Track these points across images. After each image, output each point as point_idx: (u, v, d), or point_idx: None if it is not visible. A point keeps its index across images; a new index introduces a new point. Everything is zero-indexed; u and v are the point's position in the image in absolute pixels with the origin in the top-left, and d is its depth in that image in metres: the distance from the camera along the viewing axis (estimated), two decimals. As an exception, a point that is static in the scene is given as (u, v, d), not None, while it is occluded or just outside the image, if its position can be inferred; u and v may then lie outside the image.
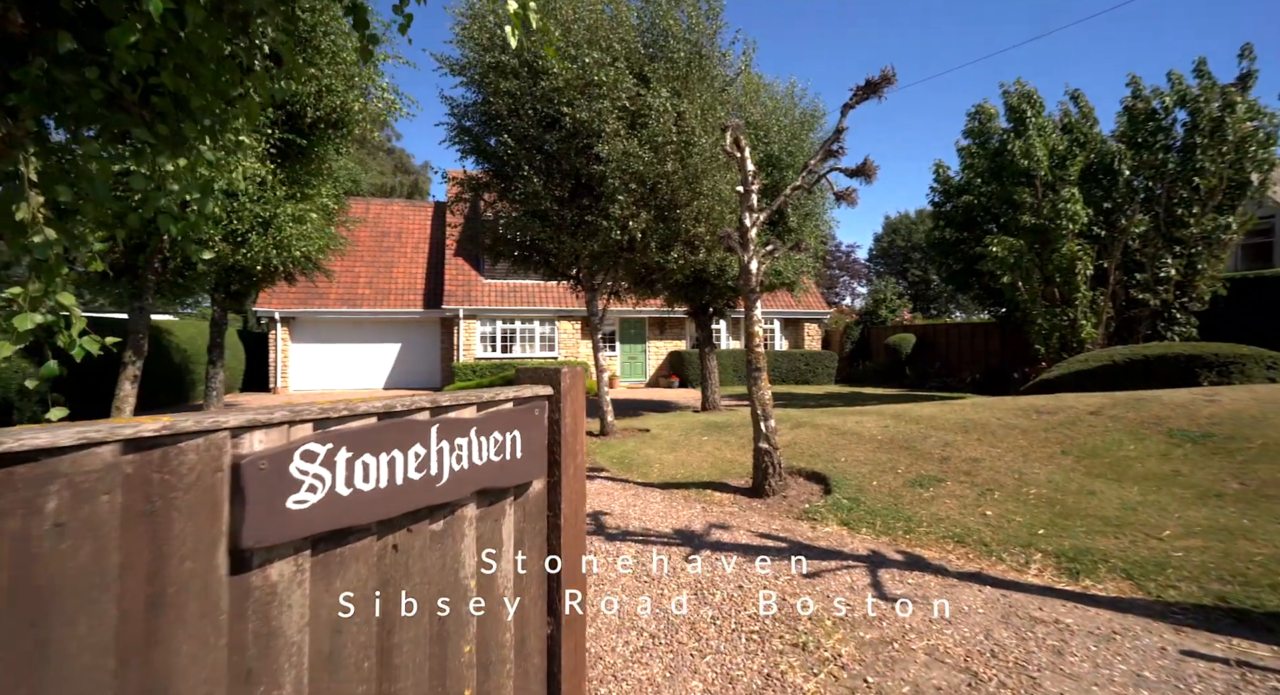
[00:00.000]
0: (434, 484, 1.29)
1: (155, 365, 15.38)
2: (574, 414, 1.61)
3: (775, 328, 25.50)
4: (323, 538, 1.14)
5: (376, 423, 1.29)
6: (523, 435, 1.46)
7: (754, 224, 6.63)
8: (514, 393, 1.50)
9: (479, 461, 1.34)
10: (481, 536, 1.42)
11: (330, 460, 1.14)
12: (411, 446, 1.27)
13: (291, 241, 7.14)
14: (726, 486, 6.86)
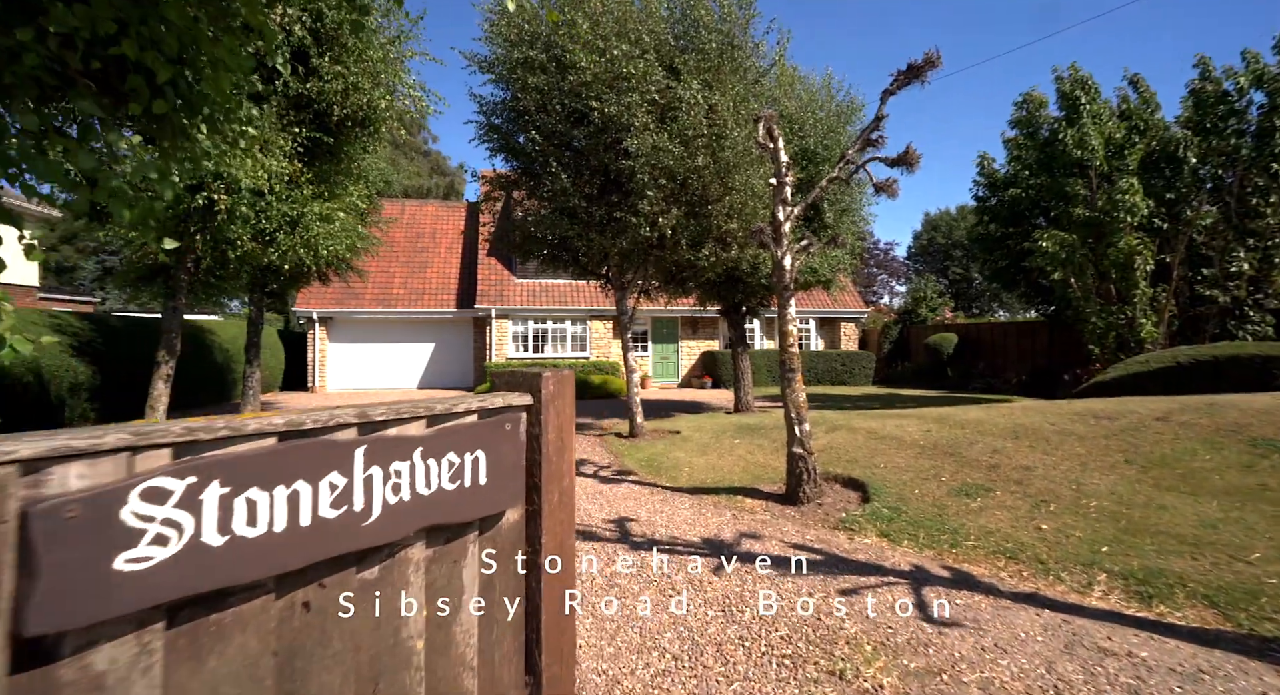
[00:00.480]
0: (361, 522, 1.02)
1: (198, 364, 15.78)
2: (560, 427, 1.34)
3: (811, 327, 24.93)
4: (185, 604, 0.87)
5: (275, 445, 1.00)
6: (490, 455, 1.18)
7: (788, 218, 6.32)
8: (479, 403, 1.26)
9: (427, 490, 1.06)
10: (434, 584, 1.15)
11: (193, 499, 0.87)
12: (325, 476, 0.98)
13: (319, 241, 7.11)
14: (758, 492, 6.57)
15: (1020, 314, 47.82)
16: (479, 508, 1.19)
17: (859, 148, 6.42)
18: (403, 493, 1.04)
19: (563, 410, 1.33)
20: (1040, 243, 10.99)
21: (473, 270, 23.37)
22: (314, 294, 21.57)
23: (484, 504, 1.20)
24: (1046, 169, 12.35)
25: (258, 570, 0.92)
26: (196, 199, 6.09)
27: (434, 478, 1.08)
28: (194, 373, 15.45)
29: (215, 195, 6.14)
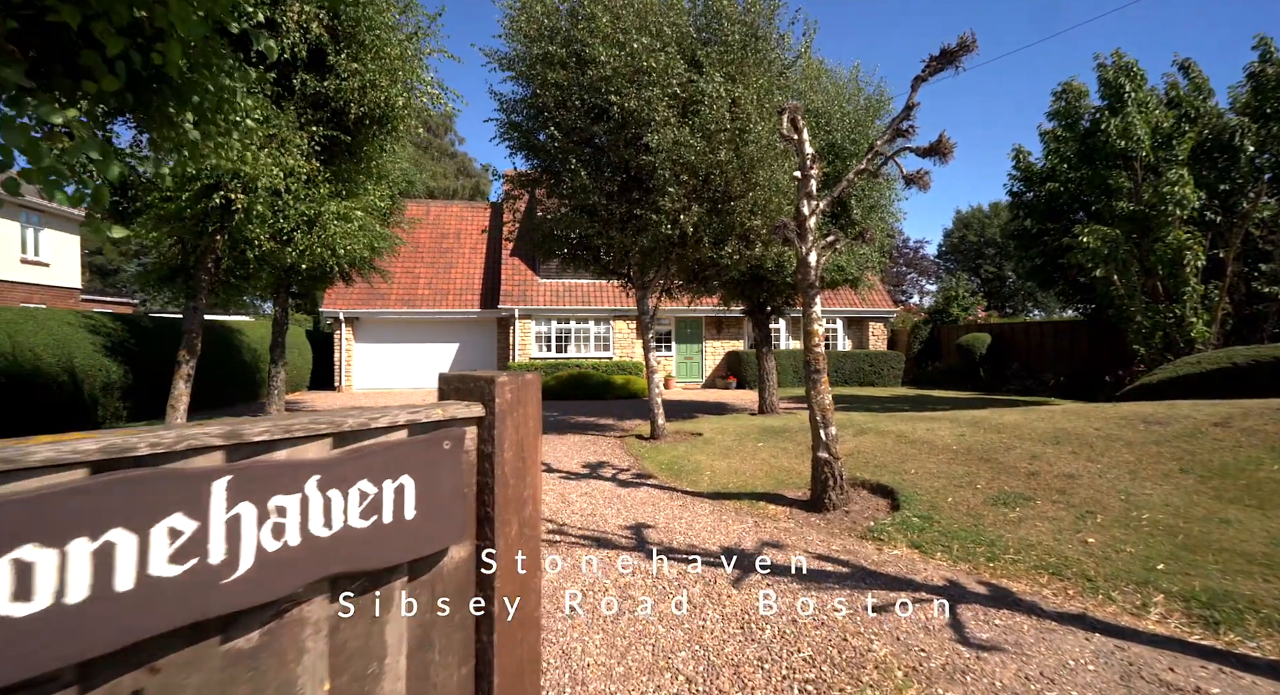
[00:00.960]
0: (221, 579, 0.79)
1: (227, 364, 16.03)
2: (520, 444, 1.10)
3: (838, 327, 24.43)
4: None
5: (82, 481, 0.73)
6: (422, 481, 0.95)
7: (813, 212, 6.05)
8: (408, 416, 0.99)
9: (326, 531, 0.83)
10: (344, 648, 0.90)
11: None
12: (161, 520, 0.73)
13: (336, 239, 7.06)
14: (782, 498, 6.31)
15: (1056, 313, 46.41)
16: (407, 548, 0.96)
17: (888, 138, 6.12)
18: (289, 536, 0.81)
19: (524, 423, 1.11)
20: (1080, 238, 10.47)
21: (497, 270, 23.41)
22: (340, 294, 21.81)
23: (414, 543, 0.97)
24: (1087, 161, 11.78)
25: (38, 661, 0.65)
26: (214, 198, 6.07)
27: (337, 514, 0.85)
28: (223, 372, 15.69)
29: (232, 194, 6.11)
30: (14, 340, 9.94)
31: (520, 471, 1.08)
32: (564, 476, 7.48)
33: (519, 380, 1.09)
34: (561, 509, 6.03)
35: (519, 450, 1.09)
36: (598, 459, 8.68)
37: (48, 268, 21.51)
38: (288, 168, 6.55)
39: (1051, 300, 48.83)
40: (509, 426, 1.08)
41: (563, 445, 9.79)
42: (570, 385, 18.77)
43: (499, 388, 1.05)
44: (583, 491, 6.71)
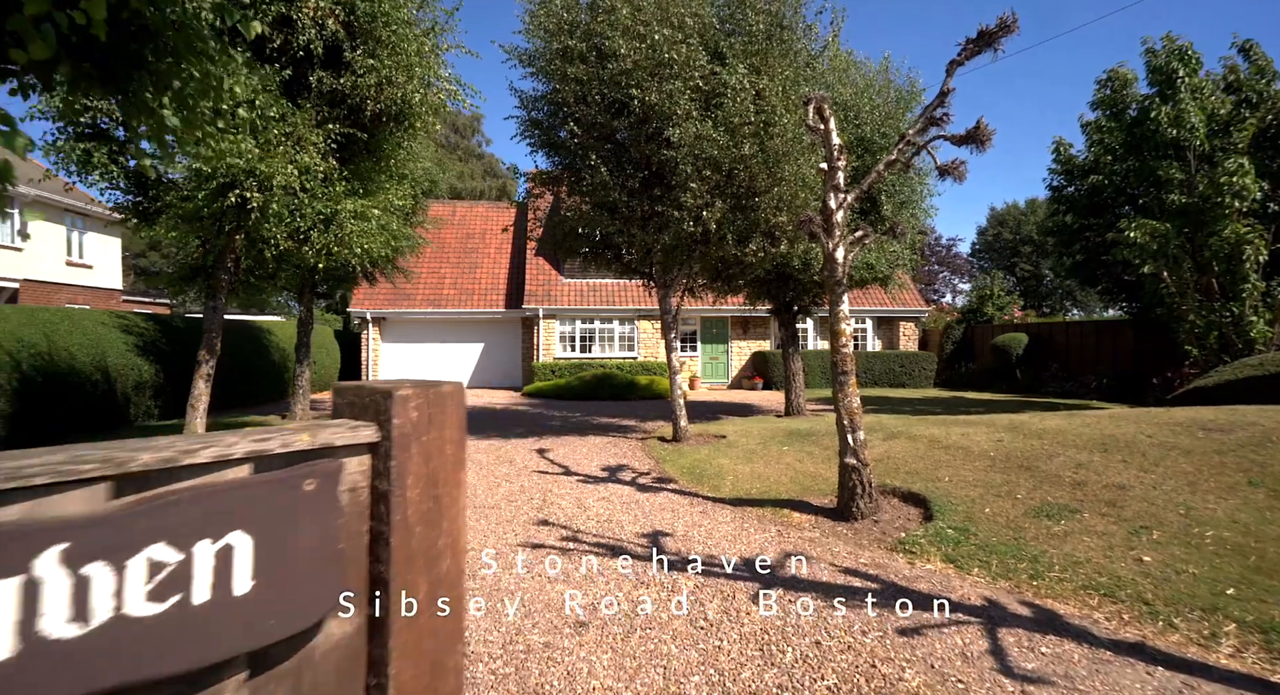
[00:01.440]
0: None
1: (256, 364, 16.27)
2: (432, 478, 0.83)
3: (867, 327, 23.85)
4: None
5: None
6: (265, 538, 0.69)
7: (840, 206, 5.75)
8: (251, 445, 0.72)
9: (76, 628, 0.55)
10: None
11: None
12: None
13: (353, 238, 6.99)
14: (807, 506, 6.02)
15: (1096, 313, 44.78)
16: (236, 636, 0.68)
17: (921, 127, 5.79)
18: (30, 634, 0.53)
19: (439, 451, 0.87)
20: (1127, 233, 9.91)
21: (521, 270, 23.40)
22: (368, 294, 22.03)
23: (250, 627, 0.69)
24: (1134, 152, 11.17)
25: None
26: (229, 197, 6.03)
27: (102, 600, 0.58)
28: (253, 372, 15.92)
29: (248, 193, 6.07)
30: (50, 340, 10.15)
31: (432, 515, 0.82)
32: (582, 480, 7.30)
33: (430, 393, 0.83)
34: (577, 515, 5.84)
35: (430, 486, 0.83)
36: (618, 462, 8.48)
37: (91, 270, 22.17)
38: (303, 165, 6.49)
39: (1092, 299, 47.17)
40: (414, 456, 0.80)
41: (583, 447, 9.62)
42: (594, 386, 18.62)
43: (399, 403, 0.80)
44: (600, 496, 6.52)
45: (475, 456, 8.82)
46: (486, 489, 6.87)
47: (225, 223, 6.37)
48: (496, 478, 7.44)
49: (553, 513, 5.91)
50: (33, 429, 9.37)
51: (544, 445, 9.78)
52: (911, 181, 12.91)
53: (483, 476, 7.51)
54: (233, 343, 15.54)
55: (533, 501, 6.32)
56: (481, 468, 8.04)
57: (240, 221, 6.40)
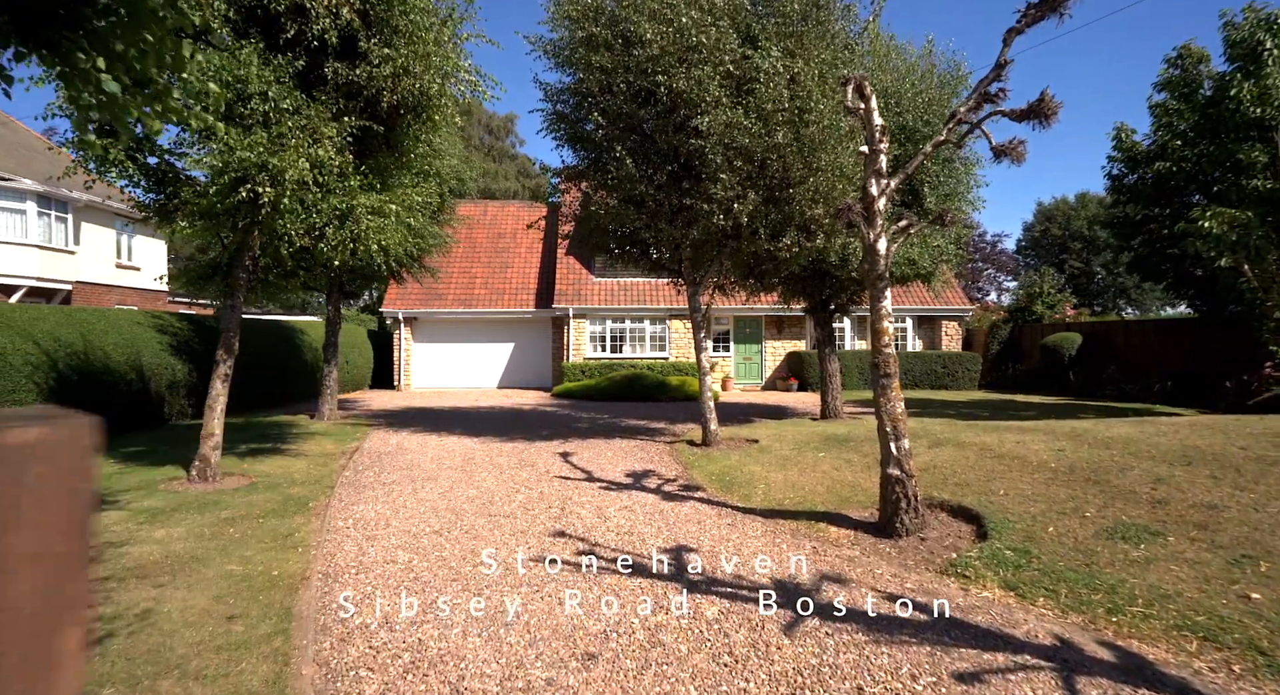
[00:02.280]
0: None
1: (291, 363, 16.40)
2: None
3: (908, 326, 22.96)
4: None
5: None
6: None
7: (882, 193, 5.26)
8: None
9: None
10: None
11: None
12: None
13: (369, 234, 6.78)
14: (845, 519, 5.54)
15: (1152, 311, 42.47)
16: None
17: (974, 104, 5.26)
18: None
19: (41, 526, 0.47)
20: (1201, 223, 9.06)
21: (552, 269, 23.23)
22: (400, 295, 22.15)
23: None
24: (1209, 134, 10.26)
25: None
26: (241, 192, 5.87)
27: None
28: (286, 371, 16.06)
29: (260, 188, 5.90)
30: (86, 339, 10.28)
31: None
32: (605, 487, 6.94)
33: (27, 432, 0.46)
34: (596, 526, 5.48)
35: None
36: (643, 467, 8.10)
37: (139, 271, 22.81)
38: (316, 159, 6.30)
39: (1146, 297, 44.72)
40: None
41: (609, 451, 9.27)
42: (624, 386, 18.29)
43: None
44: (622, 505, 6.15)
45: (496, 460, 8.56)
46: (505, 496, 6.57)
47: (239, 219, 6.21)
48: (516, 483, 7.14)
49: (570, 523, 5.56)
50: (66, 428, 9.46)
51: (568, 449, 9.47)
52: (957, 171, 12.22)
53: (502, 482, 7.22)
54: (266, 342, 15.69)
55: (550, 510, 5.99)
56: (502, 472, 7.76)
57: (254, 217, 6.24)
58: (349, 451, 9.33)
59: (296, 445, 9.61)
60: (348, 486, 7.02)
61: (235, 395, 14.09)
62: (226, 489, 6.64)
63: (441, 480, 7.32)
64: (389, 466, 8.14)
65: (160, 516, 5.49)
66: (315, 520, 5.65)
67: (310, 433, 10.96)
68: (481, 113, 56.19)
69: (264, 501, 6.17)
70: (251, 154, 5.76)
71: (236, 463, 8.10)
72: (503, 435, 10.86)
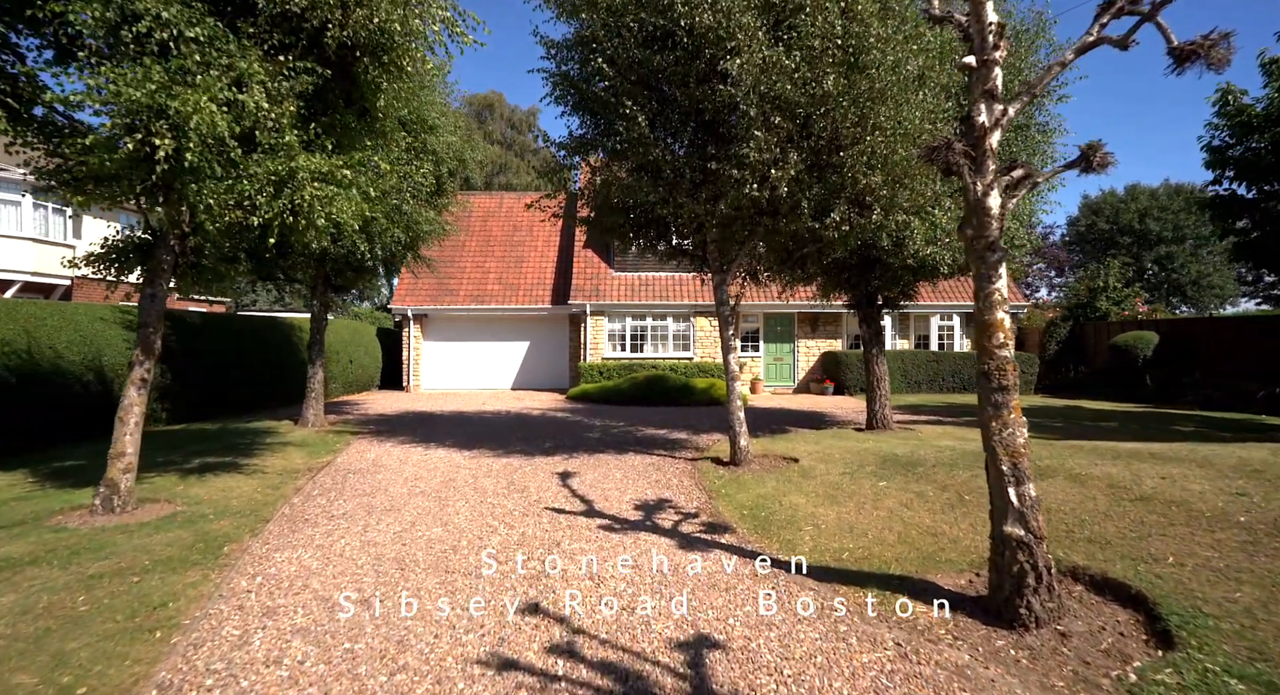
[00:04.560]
0: None
1: (285, 362, 15.24)
2: None
3: (955, 324, 20.99)
4: None
5: None
6: None
7: (995, 123, 3.64)
8: None
9: None
10: None
11: None
12: None
13: (313, 206, 5.38)
14: (934, 589, 3.93)
15: (1211, 310, 39.34)
16: None
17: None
18: None
19: None
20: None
21: (569, 264, 21.82)
22: (410, 290, 20.96)
23: None
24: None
25: None
26: (128, 144, 4.51)
27: None
28: (279, 371, 14.89)
29: (157, 140, 4.53)
30: (31, 337, 9.13)
31: None
32: (606, 526, 5.42)
33: None
34: (588, 595, 3.95)
35: None
36: (658, 495, 6.56)
37: (142, 267, 22.05)
38: (241, 108, 4.91)
39: (1204, 295, 41.41)
40: None
41: (618, 471, 7.75)
42: (645, 389, 16.77)
43: None
44: (626, 560, 4.62)
45: (481, 482, 7.11)
46: (476, 537, 5.09)
47: (134, 182, 4.85)
48: (496, 518, 5.66)
49: (551, 589, 4.05)
50: (2, 437, 8.31)
51: (571, 467, 7.97)
52: (1033, 140, 10.39)
53: (478, 516, 5.74)
54: (257, 341, 14.55)
55: (530, 564, 4.49)
56: (482, 501, 6.30)
57: (153, 180, 4.88)
58: (316, 468, 7.98)
59: (259, 459, 8.29)
60: (286, 520, 5.62)
61: (219, 397, 12.97)
62: (132, 524, 5.28)
63: (405, 512, 5.88)
64: (350, 491, 6.74)
65: (4, 572, 4.13)
66: (216, 576, 4.24)
67: (284, 442, 9.67)
68: (504, 107, 55.11)
69: (167, 544, 4.79)
70: (138, 92, 4.37)
71: (173, 483, 6.79)
72: (499, 448, 9.42)
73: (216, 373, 12.67)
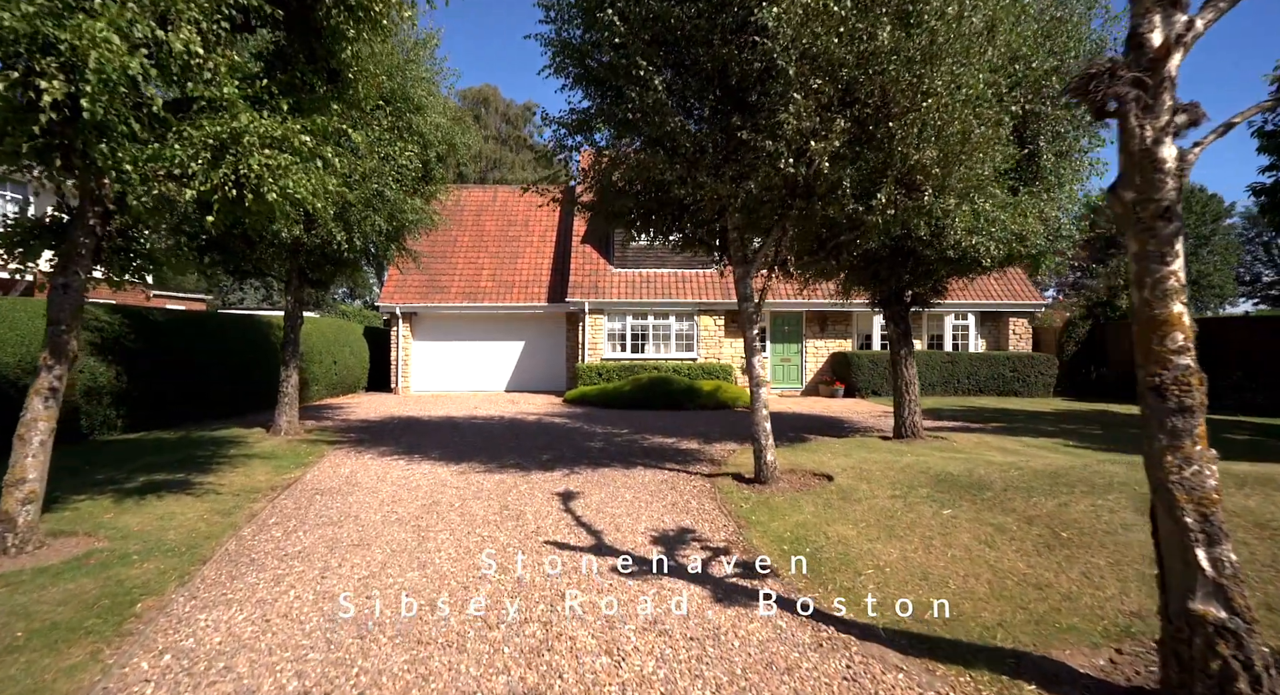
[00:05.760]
0: None
1: (263, 363, 14.14)
2: None
3: (969, 323, 20.08)
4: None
5: None
6: None
7: (1178, 41, 2.64)
8: None
9: None
10: None
11: None
12: None
13: (263, 178, 4.36)
14: (1069, 674, 2.94)
15: (1210, 310, 38.65)
16: None
17: None
18: None
19: None
20: None
21: (566, 260, 20.80)
22: (399, 287, 19.90)
23: None
24: None
25: None
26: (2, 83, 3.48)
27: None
28: (256, 373, 13.80)
29: (44, 82, 3.51)
30: (-41, 336, 8.05)
31: None
32: (621, 570, 4.41)
33: None
34: (607, 685, 2.94)
35: None
36: (677, 523, 5.56)
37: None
38: (166, 47, 3.89)
39: (1205, 295, 40.78)
40: None
41: (628, 490, 6.75)
42: (648, 392, 15.77)
43: None
44: (647, 617, 3.61)
45: (470, 507, 6.09)
46: (460, 588, 4.08)
47: (18, 137, 3.81)
48: (487, 557, 4.64)
49: (558, 671, 3.04)
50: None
51: (573, 485, 6.97)
52: (1062, 128, 9.40)
53: (464, 555, 4.72)
54: (236, 339, 13.46)
55: (527, 628, 3.48)
56: (471, 531, 5.28)
57: (52, 138, 3.84)
58: (280, 487, 6.94)
59: (215, 476, 7.24)
60: (228, 562, 4.58)
61: (186, 402, 11.86)
62: (27, 570, 4.24)
63: (377, 548, 4.86)
64: (315, 518, 5.71)
65: None
66: (109, 653, 3.21)
67: (250, 454, 8.62)
68: (499, 101, 53.91)
69: (60, 601, 3.76)
70: (11, 16, 3.33)
71: (103, 509, 5.74)
72: (491, 461, 8.40)
73: (183, 375, 11.59)
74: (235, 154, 4.48)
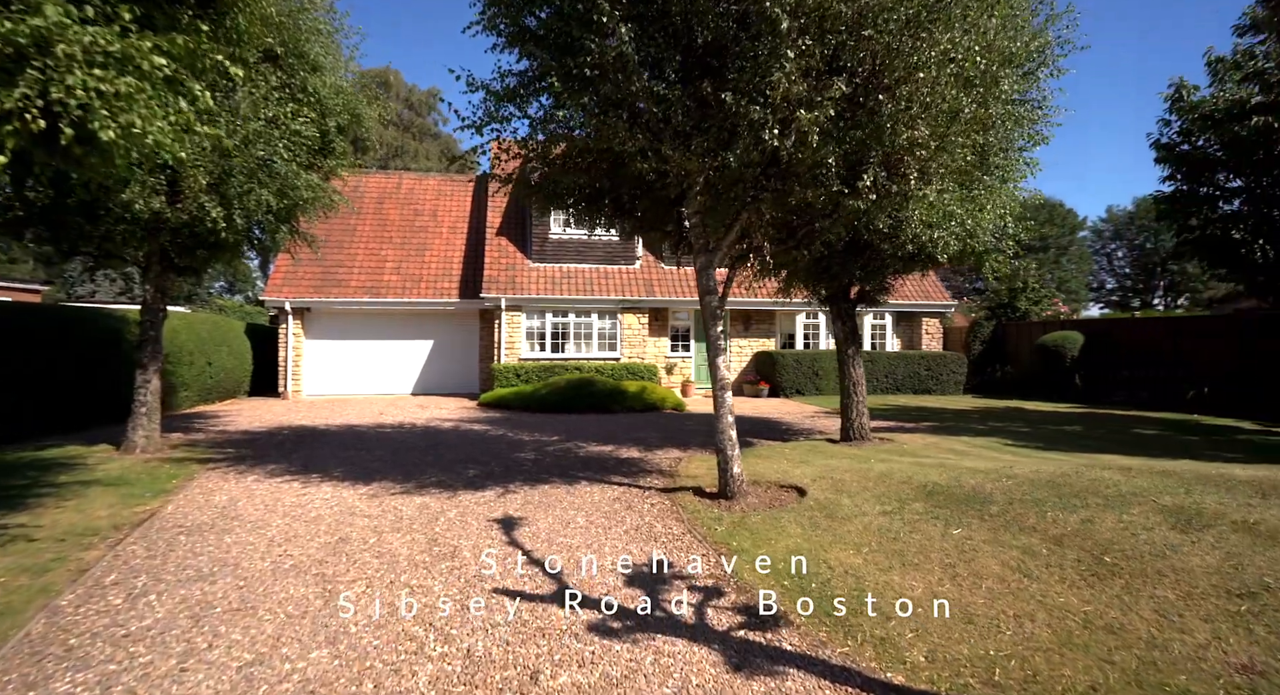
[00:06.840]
0: None
1: (108, 366, 11.79)
2: None
3: (886, 323, 20.57)
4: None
5: None
6: None
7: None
8: None
9: None
10: None
11: None
12: None
13: (91, 107, 3.03)
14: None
15: (1137, 311, 42.78)
16: None
17: None
18: None
19: None
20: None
21: (479, 253, 19.30)
22: (288, 280, 17.65)
23: None
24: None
25: None
26: None
27: None
28: (100, 379, 11.46)
29: None
30: None
31: None
32: (598, 627, 3.45)
33: None
34: None
35: None
36: (645, 554, 4.66)
37: None
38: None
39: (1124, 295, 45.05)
40: None
41: (578, 512, 5.76)
42: (571, 394, 14.73)
43: None
44: (661, 711, 2.68)
45: (389, 542, 4.87)
46: (391, 668, 2.96)
47: None
48: (421, 619, 3.52)
49: None
50: None
51: (512, 508, 5.88)
52: (1004, 128, 9.38)
53: (389, 616, 3.57)
54: (78, 339, 11.07)
55: (495, 748, 2.45)
56: (396, 577, 4.11)
57: None
58: (130, 524, 5.37)
59: (31, 514, 5.53)
60: (24, 658, 3.18)
61: (3, 416, 9.48)
62: None
63: (264, 615, 3.60)
64: (174, 572, 4.30)
65: None
66: None
67: (89, 480, 6.83)
68: (401, 86, 50.32)
69: None
70: None
71: None
72: (408, 479, 7.11)
73: (1, 381, 9.29)
74: (44, 70, 3.10)
